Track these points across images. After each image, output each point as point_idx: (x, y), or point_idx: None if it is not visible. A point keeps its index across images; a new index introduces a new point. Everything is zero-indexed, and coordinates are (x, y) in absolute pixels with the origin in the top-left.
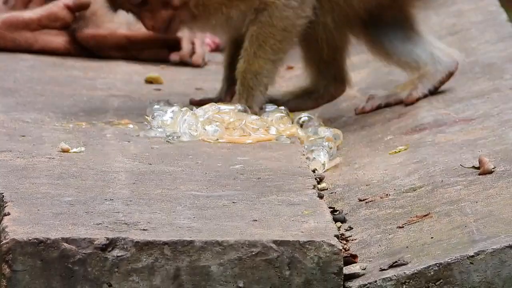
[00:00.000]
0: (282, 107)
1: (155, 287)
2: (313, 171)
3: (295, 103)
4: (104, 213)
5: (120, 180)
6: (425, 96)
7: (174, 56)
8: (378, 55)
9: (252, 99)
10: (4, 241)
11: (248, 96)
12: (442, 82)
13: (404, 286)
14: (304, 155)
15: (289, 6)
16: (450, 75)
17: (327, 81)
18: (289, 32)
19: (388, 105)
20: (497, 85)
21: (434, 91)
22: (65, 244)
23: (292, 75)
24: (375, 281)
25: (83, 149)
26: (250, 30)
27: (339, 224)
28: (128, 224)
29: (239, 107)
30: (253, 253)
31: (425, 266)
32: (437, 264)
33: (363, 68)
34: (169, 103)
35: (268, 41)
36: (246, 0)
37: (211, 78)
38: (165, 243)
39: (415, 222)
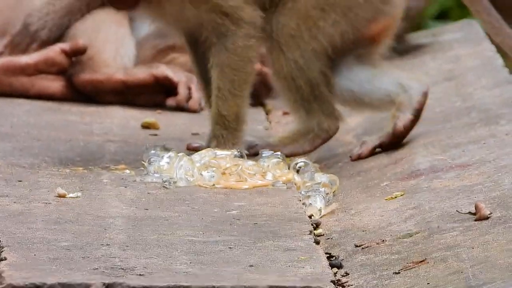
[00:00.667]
0: (279, 153)
1: None
2: (310, 216)
3: (292, 147)
4: (101, 258)
5: (116, 225)
6: (412, 121)
7: (170, 101)
8: (349, 104)
9: (239, 140)
10: (0, 286)
11: (235, 139)
12: (421, 103)
13: None
14: (300, 200)
15: (250, 35)
16: (425, 95)
17: (317, 118)
18: (254, 63)
19: (381, 145)
20: (493, 131)
21: (418, 115)
22: None
23: (288, 120)
24: None
25: (79, 194)
26: (216, 59)
27: (335, 270)
28: (125, 269)
29: (236, 152)
30: None
31: None
32: None
33: (359, 114)
34: (166, 149)
35: (239, 75)
36: (208, 12)
37: (208, 123)
38: None
39: (411, 268)
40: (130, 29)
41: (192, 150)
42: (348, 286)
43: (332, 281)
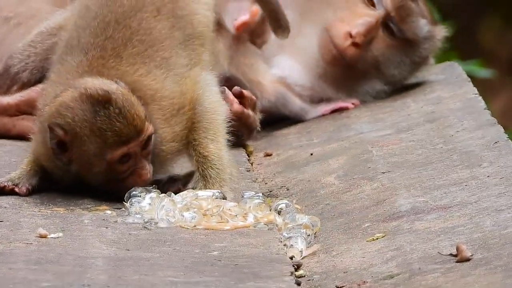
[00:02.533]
0: (260, 194)
1: None
2: (291, 258)
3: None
4: None
5: (97, 265)
6: None
7: None
8: None
9: (226, 182)
10: None
11: (222, 181)
12: None
13: None
14: (281, 242)
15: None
16: None
17: None
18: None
19: None
20: (475, 173)
21: None
22: None
23: (270, 161)
24: None
25: (61, 234)
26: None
27: None
28: None
29: (217, 193)
30: None
31: None
32: None
33: (341, 155)
34: (147, 189)
35: (214, 124)
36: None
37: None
38: None
39: None
40: None
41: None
42: None
43: None
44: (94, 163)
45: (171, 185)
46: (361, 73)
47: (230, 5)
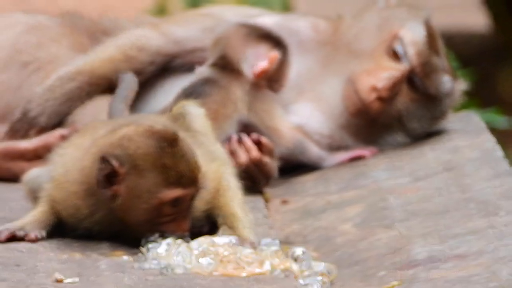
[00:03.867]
0: (277, 241)
1: None
2: None
3: None
4: None
5: None
6: None
7: None
8: None
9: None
10: None
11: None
12: None
13: None
14: None
15: None
16: None
17: None
18: None
19: None
20: (491, 222)
21: None
22: None
23: (287, 208)
24: None
25: (77, 279)
26: None
27: None
28: None
29: (233, 240)
30: None
31: None
32: None
33: (358, 203)
34: (164, 235)
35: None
36: None
37: None
38: None
39: None
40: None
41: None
42: None
43: None
44: (145, 199)
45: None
46: (384, 125)
47: (248, 51)
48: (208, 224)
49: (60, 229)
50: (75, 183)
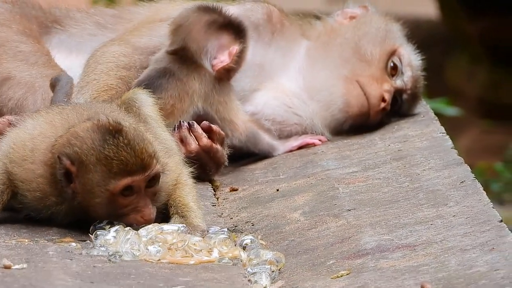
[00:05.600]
0: (225, 229)
1: None
2: None
3: None
4: None
5: None
6: None
7: None
8: None
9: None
10: None
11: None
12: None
13: None
14: (246, 277)
15: None
16: None
17: None
18: None
19: None
20: (440, 212)
21: None
22: None
23: (236, 197)
24: None
25: (25, 266)
26: None
27: None
28: None
29: (182, 227)
30: None
31: None
32: None
33: (307, 192)
34: (112, 222)
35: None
36: None
37: None
38: None
39: None
40: None
41: None
42: None
43: None
44: (97, 193)
45: None
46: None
47: (210, 44)
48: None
49: (9, 211)
50: (42, 166)
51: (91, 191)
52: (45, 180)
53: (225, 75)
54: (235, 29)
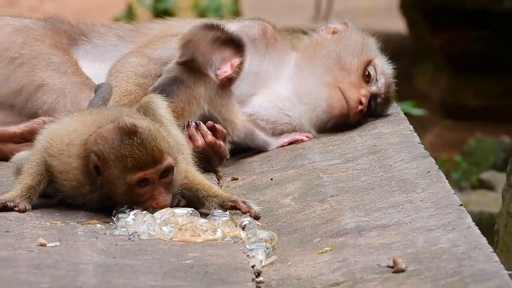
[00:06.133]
0: (227, 213)
1: None
2: (252, 266)
3: None
4: None
5: (88, 271)
6: None
7: None
8: None
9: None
10: None
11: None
12: None
13: None
14: (245, 253)
15: None
16: None
17: None
18: None
19: None
20: (410, 198)
21: None
22: None
23: (236, 185)
24: None
25: (58, 243)
26: None
27: None
28: None
29: (191, 211)
30: None
31: None
32: None
33: (296, 181)
34: (132, 207)
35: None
36: None
37: None
38: None
39: None
40: None
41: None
42: None
43: None
44: (117, 185)
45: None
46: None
47: (215, 57)
48: (185, 199)
49: (44, 197)
50: (77, 159)
51: (113, 183)
52: (80, 171)
53: (227, 83)
54: (235, 44)
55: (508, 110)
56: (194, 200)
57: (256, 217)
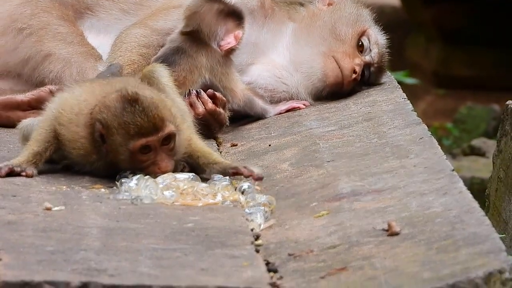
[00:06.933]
0: (227, 178)
1: None
2: (251, 230)
3: None
4: (79, 261)
5: (93, 234)
6: None
7: None
8: None
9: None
10: None
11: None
12: None
13: None
14: (244, 217)
15: None
16: None
17: None
18: None
19: None
20: (403, 163)
21: None
22: (46, 285)
23: (236, 151)
24: None
25: (63, 208)
26: None
27: (272, 274)
28: (99, 271)
29: (192, 176)
30: None
31: None
32: None
33: (293, 147)
34: (134, 172)
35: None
36: None
37: None
38: (128, 287)
39: (334, 274)
40: None
41: None
42: (283, 287)
43: (269, 283)
44: (121, 152)
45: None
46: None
47: (219, 28)
48: (188, 166)
49: (51, 163)
50: (84, 128)
51: (116, 150)
52: (87, 140)
53: (229, 53)
54: (237, 16)
55: (497, 79)
56: (196, 167)
57: (259, 179)
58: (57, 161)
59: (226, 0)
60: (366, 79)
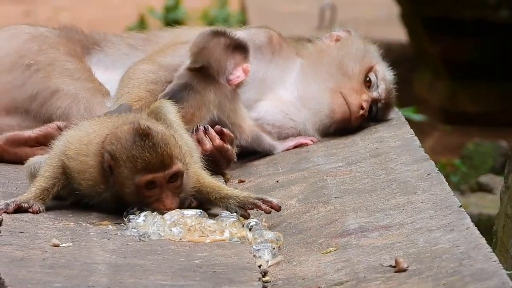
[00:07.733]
0: (234, 214)
1: None
2: (259, 266)
3: None
4: None
5: (100, 270)
6: None
7: None
8: None
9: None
10: None
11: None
12: None
13: None
14: (251, 253)
15: None
16: None
17: None
18: None
19: None
20: (411, 199)
21: None
22: None
23: (244, 187)
24: None
25: (71, 244)
26: None
27: None
28: None
29: (199, 212)
30: None
31: None
32: None
33: (301, 183)
34: (142, 209)
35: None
36: None
37: None
38: None
39: None
40: None
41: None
42: None
43: None
44: (127, 185)
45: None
46: (344, 129)
47: (228, 63)
48: (197, 201)
49: (58, 199)
50: (94, 157)
51: (123, 183)
52: (96, 170)
53: (237, 87)
54: (243, 49)
55: (504, 115)
56: (205, 202)
57: (279, 209)
58: (64, 198)
59: (231, 34)
60: (374, 115)
